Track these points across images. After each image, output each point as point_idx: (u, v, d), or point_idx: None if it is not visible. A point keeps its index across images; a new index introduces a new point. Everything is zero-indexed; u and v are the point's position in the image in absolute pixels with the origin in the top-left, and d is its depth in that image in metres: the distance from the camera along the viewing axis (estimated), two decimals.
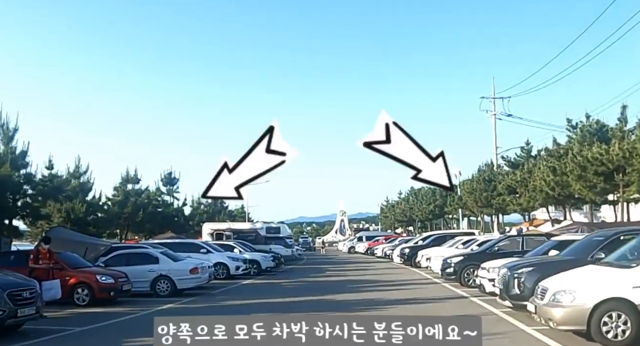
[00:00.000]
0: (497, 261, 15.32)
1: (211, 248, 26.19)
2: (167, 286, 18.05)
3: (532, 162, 34.89)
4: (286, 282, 23.98)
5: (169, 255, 18.97)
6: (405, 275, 26.36)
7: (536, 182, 31.30)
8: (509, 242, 20.10)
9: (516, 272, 11.81)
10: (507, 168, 42.57)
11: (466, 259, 19.80)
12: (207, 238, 38.07)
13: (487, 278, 14.80)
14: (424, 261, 28.29)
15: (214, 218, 44.11)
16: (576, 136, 29.78)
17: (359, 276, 26.74)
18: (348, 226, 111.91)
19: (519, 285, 11.63)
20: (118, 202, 33.77)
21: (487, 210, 43.11)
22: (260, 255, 29.19)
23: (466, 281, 19.38)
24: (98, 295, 15.77)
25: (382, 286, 21.06)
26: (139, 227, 35.97)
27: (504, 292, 12.05)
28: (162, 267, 18.14)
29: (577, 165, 26.39)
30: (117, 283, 16.13)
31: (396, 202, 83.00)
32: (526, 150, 41.29)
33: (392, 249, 40.55)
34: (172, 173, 40.72)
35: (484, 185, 42.74)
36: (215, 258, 25.32)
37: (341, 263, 41.44)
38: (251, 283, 23.97)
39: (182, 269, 18.15)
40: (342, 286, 21.10)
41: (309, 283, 23.42)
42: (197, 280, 18.36)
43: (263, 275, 27.88)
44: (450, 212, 56.77)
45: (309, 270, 32.79)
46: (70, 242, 20.16)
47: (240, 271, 25.72)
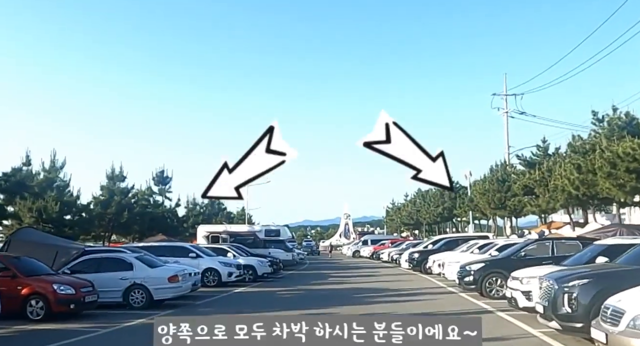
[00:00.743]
0: (531, 270, 12.79)
1: (201, 252, 23.72)
2: (142, 297, 15.55)
3: (553, 160, 32.24)
4: (283, 291, 21.44)
5: (145, 260, 16.46)
6: (415, 283, 23.81)
7: (558, 181, 28.68)
8: (536, 247, 17.56)
9: (566, 286, 9.25)
10: (522, 168, 39.97)
11: (488, 266, 17.25)
12: (202, 241, 35.78)
13: (520, 291, 12.25)
14: (436, 268, 25.79)
15: (211, 220, 41.47)
16: (603, 130, 27.15)
17: (364, 283, 24.20)
18: (353, 229, 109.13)
19: (570, 302, 9.07)
20: (101, 201, 31.18)
21: (500, 212, 40.45)
22: (256, 260, 26.70)
23: (488, 292, 16.84)
24: (55, 308, 13.31)
25: (391, 297, 18.51)
26: (125, 228, 33.32)
27: (549, 310, 9.49)
28: (136, 274, 15.65)
29: (607, 161, 23.77)
30: (78, 293, 13.66)
31: (402, 205, 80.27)
32: (543, 148, 38.72)
33: (399, 253, 38.22)
34: (164, 172, 37.97)
35: (497, 185, 40.12)
36: (205, 264, 22.96)
37: (345, 268, 38.84)
38: (244, 291, 21.45)
39: (159, 277, 15.65)
40: (345, 296, 18.56)
41: (308, 292, 20.86)
42: (177, 290, 15.86)
43: (259, 281, 25.47)
44: (460, 215, 54.09)
45: (310, 276, 30.23)
46: (38, 244, 17.83)
47: (233, 277, 23.27)
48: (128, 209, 31.49)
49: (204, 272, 22.57)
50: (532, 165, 37.55)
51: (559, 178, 28.80)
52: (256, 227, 39.36)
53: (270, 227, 38.55)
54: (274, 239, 36.71)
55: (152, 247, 23.62)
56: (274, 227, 38.64)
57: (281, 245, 36.68)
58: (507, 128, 49.65)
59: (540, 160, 37.62)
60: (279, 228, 37.82)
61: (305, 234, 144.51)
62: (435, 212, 58.91)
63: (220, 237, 36.14)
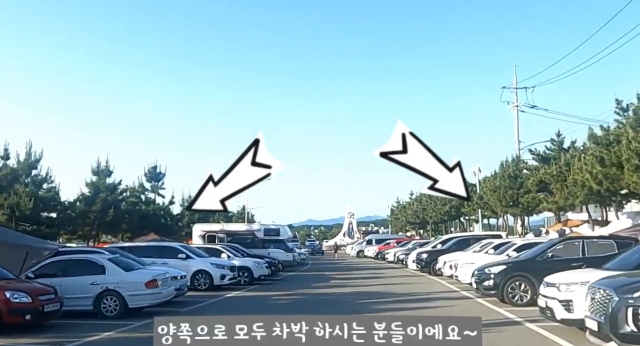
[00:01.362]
0: (569, 274, 10.76)
1: (192, 253, 21.73)
2: (116, 305, 13.56)
3: (571, 153, 30.14)
4: (279, 295, 19.44)
5: (121, 262, 14.47)
6: (425, 286, 21.82)
7: (577, 176, 26.61)
8: (563, 247, 15.54)
9: (630, 297, 7.24)
10: (535, 163, 37.89)
11: (510, 269, 15.23)
12: (198, 240, 33.91)
13: (557, 300, 10.20)
14: (447, 269, 23.81)
15: (208, 219, 39.38)
16: (628, 120, 25.05)
17: (369, 286, 22.19)
18: (357, 228, 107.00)
19: (635, 319, 7.07)
20: (85, 198, 29.07)
21: (512, 209, 38.33)
22: (252, 261, 24.71)
23: (511, 298, 14.82)
24: (7, 318, 11.37)
25: (400, 302, 16.52)
26: (112, 227, 31.17)
27: (607, 328, 7.48)
28: (108, 279, 13.66)
29: (635, 153, 21.72)
30: (36, 302, 11.70)
31: (407, 203, 78.05)
32: (557, 142, 36.62)
33: (405, 253, 36.33)
34: (157, 168, 35.72)
35: (509, 182, 38.01)
36: (195, 265, 21.05)
37: (349, 269, 36.79)
38: (236, 296, 19.49)
39: (135, 281, 13.66)
40: (349, 303, 16.56)
41: (307, 297, 18.83)
42: (156, 296, 13.85)
43: (256, 284, 23.54)
44: (469, 213, 51.92)
45: (311, 278, 28.22)
46: (6, 244, 15.88)
47: (227, 280, 21.33)
48: (114, 206, 29.27)
49: (194, 275, 20.79)
50: (547, 159, 35.52)
51: (578, 172, 26.74)
52: (255, 225, 37.30)
53: (270, 226, 36.48)
54: (274, 238, 34.70)
55: (139, 247, 21.72)
56: (273, 226, 36.56)
57: (281, 244, 34.67)
58: (518, 122, 47.74)
59: (555, 155, 35.63)
60: (278, 227, 35.72)
61: (309, 233, 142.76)
62: (442, 211, 56.74)
63: (217, 237, 34.28)
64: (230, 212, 50.65)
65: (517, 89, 48.01)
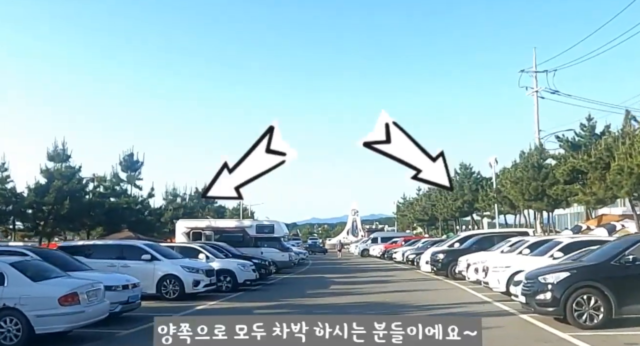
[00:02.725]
0: None
1: (159, 253, 17.66)
2: (17, 329, 9.44)
3: (613, 136, 25.91)
4: (264, 306, 15.31)
5: (29, 268, 10.30)
6: (446, 295, 17.73)
7: (624, 162, 22.40)
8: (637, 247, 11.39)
9: None
10: (562, 151, 33.70)
11: (575, 277, 11.01)
12: (182, 238, 29.88)
13: None
14: (472, 273, 19.67)
15: (195, 214, 35.14)
16: None
17: (377, 294, 18.12)
18: (360, 226, 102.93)
19: None
20: (37, 187, 24.67)
21: (536, 203, 34.02)
22: (236, 263, 20.62)
23: (576, 317, 10.62)
24: None
25: None
26: (70, 222, 26.61)
27: None
28: (7, 293, 9.54)
29: None
30: None
31: (415, 199, 73.72)
32: (588, 127, 32.44)
33: (416, 253, 32.36)
34: (133, 155, 31.35)
35: (532, 172, 33.72)
36: (163, 269, 17.10)
37: (352, 270, 32.55)
38: (209, 308, 15.38)
39: (44, 296, 9.49)
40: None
41: (298, 310, 14.55)
42: (76, 317, 9.64)
43: (240, 290, 19.64)
44: (483, 208, 47.58)
45: (307, 282, 24.08)
46: None
47: (201, 287, 17.38)
48: (71, 197, 24.83)
49: (160, 280, 16.89)
50: (577, 146, 31.34)
51: (625, 158, 22.54)
52: (246, 222, 33.16)
53: (263, 222, 32.38)
54: (268, 236, 30.61)
55: (94, 247, 17.77)
56: (267, 222, 32.41)
57: (276, 243, 30.57)
58: (537, 108, 43.59)
59: (586, 141, 31.45)
60: (272, 223, 31.50)
61: (312, 232, 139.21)
62: (454, 206, 52.39)
63: (204, 234, 30.17)
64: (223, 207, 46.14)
65: (536, 73, 43.92)
